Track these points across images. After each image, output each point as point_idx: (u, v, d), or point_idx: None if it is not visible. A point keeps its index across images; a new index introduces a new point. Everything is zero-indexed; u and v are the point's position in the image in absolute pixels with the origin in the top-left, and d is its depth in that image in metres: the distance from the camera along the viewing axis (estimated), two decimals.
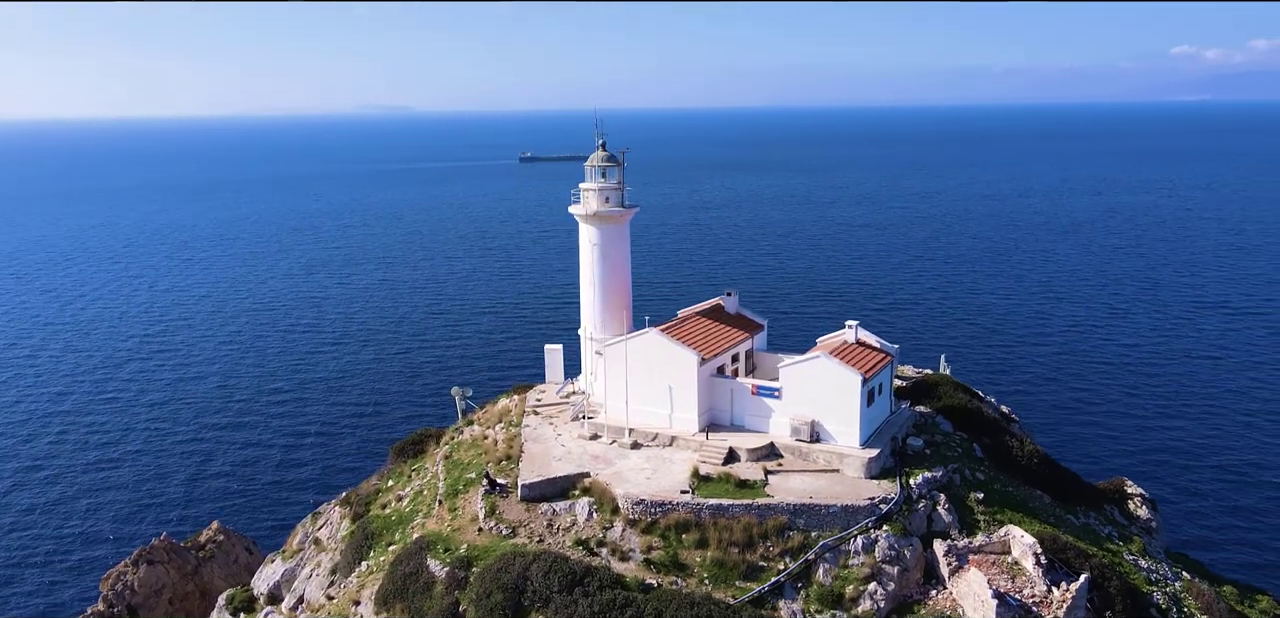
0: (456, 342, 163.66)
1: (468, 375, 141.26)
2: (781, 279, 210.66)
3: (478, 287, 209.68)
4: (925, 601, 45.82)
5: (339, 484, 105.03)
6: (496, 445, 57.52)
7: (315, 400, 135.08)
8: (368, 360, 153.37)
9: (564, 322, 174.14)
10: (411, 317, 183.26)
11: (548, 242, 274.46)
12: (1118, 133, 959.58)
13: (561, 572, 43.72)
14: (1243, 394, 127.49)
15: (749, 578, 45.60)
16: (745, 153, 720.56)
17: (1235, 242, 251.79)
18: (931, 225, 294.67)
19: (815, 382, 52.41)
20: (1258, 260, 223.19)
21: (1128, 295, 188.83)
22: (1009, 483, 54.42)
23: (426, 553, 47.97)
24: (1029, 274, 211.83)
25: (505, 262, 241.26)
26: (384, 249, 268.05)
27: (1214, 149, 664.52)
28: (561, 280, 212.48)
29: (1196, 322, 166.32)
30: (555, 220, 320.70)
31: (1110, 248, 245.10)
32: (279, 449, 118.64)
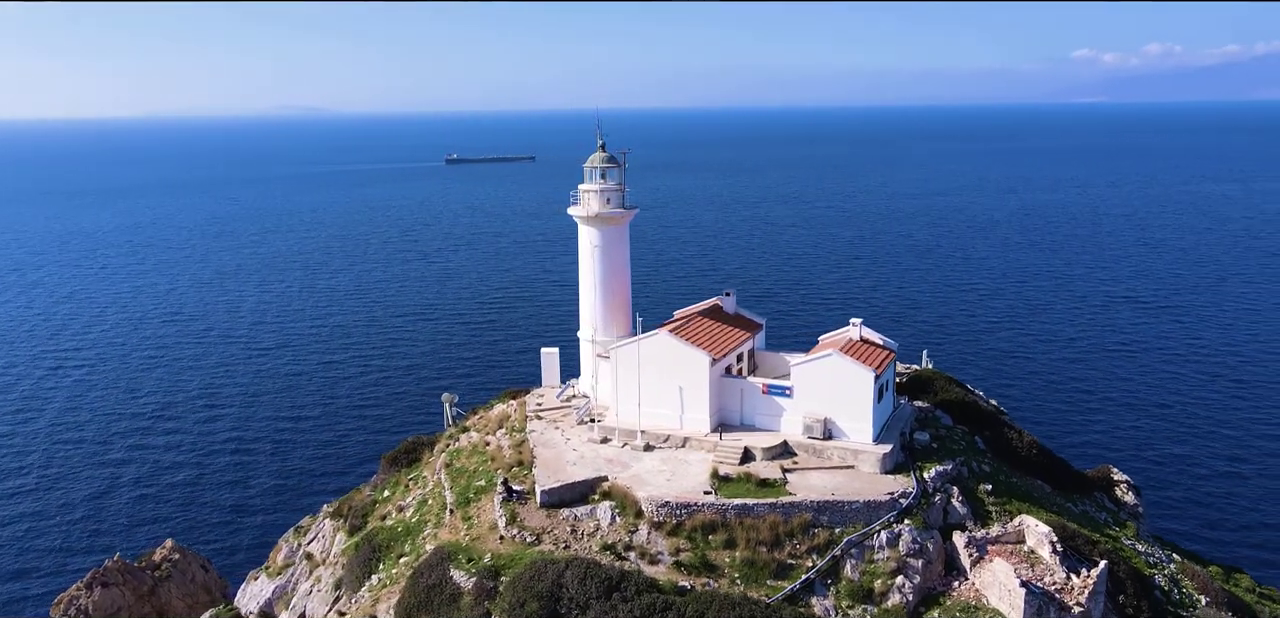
0: (424, 349, 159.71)
1: (438, 382, 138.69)
2: (717, 280, 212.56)
3: (438, 292, 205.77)
4: (949, 592, 46.75)
5: (306, 499, 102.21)
6: (502, 452, 56.57)
7: (264, 415, 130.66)
8: (319, 372, 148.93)
9: (537, 324, 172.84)
10: (354, 326, 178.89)
11: (485, 244, 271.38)
12: (1024, 132, 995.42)
13: (597, 578, 43.22)
14: (1160, 387, 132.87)
15: (780, 577, 45.87)
16: (673, 153, 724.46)
17: (1141, 237, 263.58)
18: (858, 225, 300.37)
19: (827, 379, 53.00)
20: (1163, 255, 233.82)
21: (1046, 290, 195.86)
22: (1012, 474, 55.97)
23: (449, 564, 46.89)
24: (954, 272, 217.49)
25: (468, 265, 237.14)
26: (327, 254, 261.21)
27: (1115, 147, 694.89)
28: (528, 282, 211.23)
29: (1109, 315, 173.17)
30: (495, 223, 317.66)
31: (1026, 244, 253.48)
32: (232, 465, 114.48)
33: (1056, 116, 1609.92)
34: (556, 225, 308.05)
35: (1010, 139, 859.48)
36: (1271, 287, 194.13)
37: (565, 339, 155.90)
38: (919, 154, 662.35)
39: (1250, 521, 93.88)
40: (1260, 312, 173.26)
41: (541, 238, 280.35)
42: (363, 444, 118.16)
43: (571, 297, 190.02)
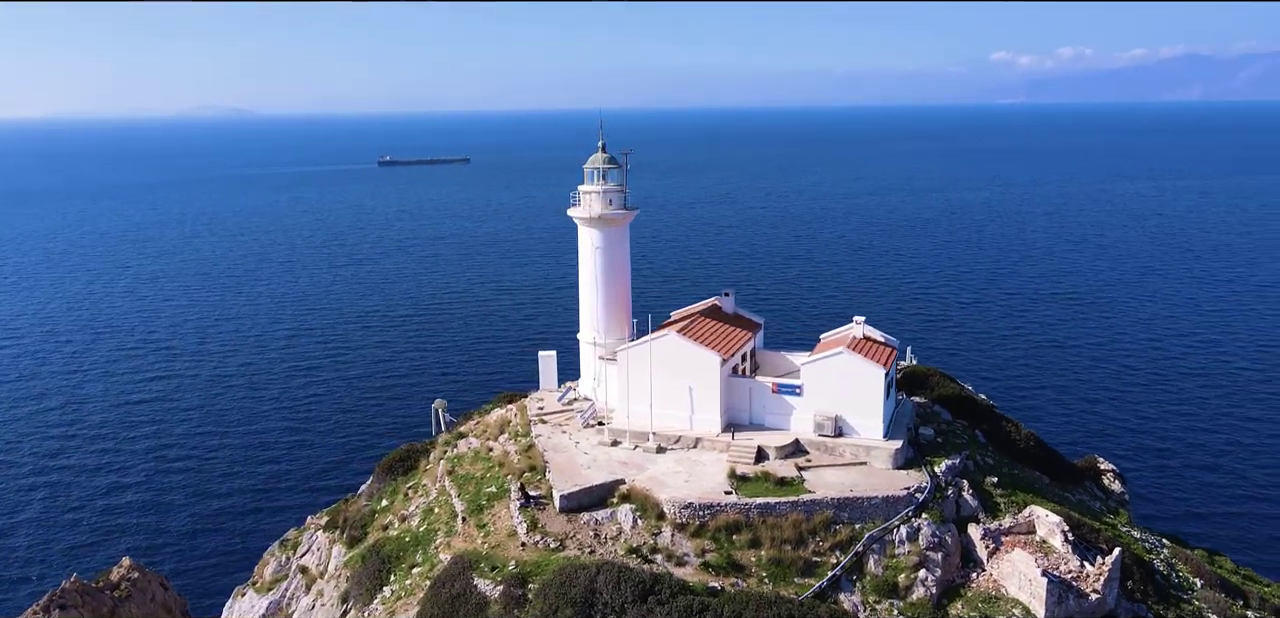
0: (387, 356, 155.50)
1: (406, 389, 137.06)
2: (666, 280, 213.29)
3: (388, 297, 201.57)
4: (967, 584, 47.65)
5: (271, 515, 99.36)
6: (510, 457, 55.77)
7: (220, 428, 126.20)
8: (274, 382, 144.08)
9: (510, 326, 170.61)
10: (304, 334, 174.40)
11: (425, 249, 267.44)
12: (948, 133, 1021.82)
13: (630, 582, 42.83)
14: (1088, 381, 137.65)
15: (806, 575, 46.15)
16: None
17: (1064, 234, 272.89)
18: (794, 224, 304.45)
19: (837, 377, 53.55)
20: (1084, 251, 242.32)
21: (977, 284, 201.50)
22: (1012, 466, 57.37)
23: (471, 572, 46.00)
24: (886, 269, 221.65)
25: (412, 271, 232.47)
26: (263, 260, 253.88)
27: (1035, 148, 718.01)
28: (492, 285, 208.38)
29: (1038, 311, 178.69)
30: (432, 226, 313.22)
31: (957, 242, 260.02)
32: (187, 480, 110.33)
33: (979, 117, 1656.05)
34: (494, 228, 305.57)
35: (937, 140, 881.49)
36: (1188, 282, 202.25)
37: (532, 343, 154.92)
38: (851, 155, 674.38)
39: (1212, 505, 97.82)
40: (1180, 305, 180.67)
41: (480, 240, 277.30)
42: (331, 455, 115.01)
43: (546, 300, 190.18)
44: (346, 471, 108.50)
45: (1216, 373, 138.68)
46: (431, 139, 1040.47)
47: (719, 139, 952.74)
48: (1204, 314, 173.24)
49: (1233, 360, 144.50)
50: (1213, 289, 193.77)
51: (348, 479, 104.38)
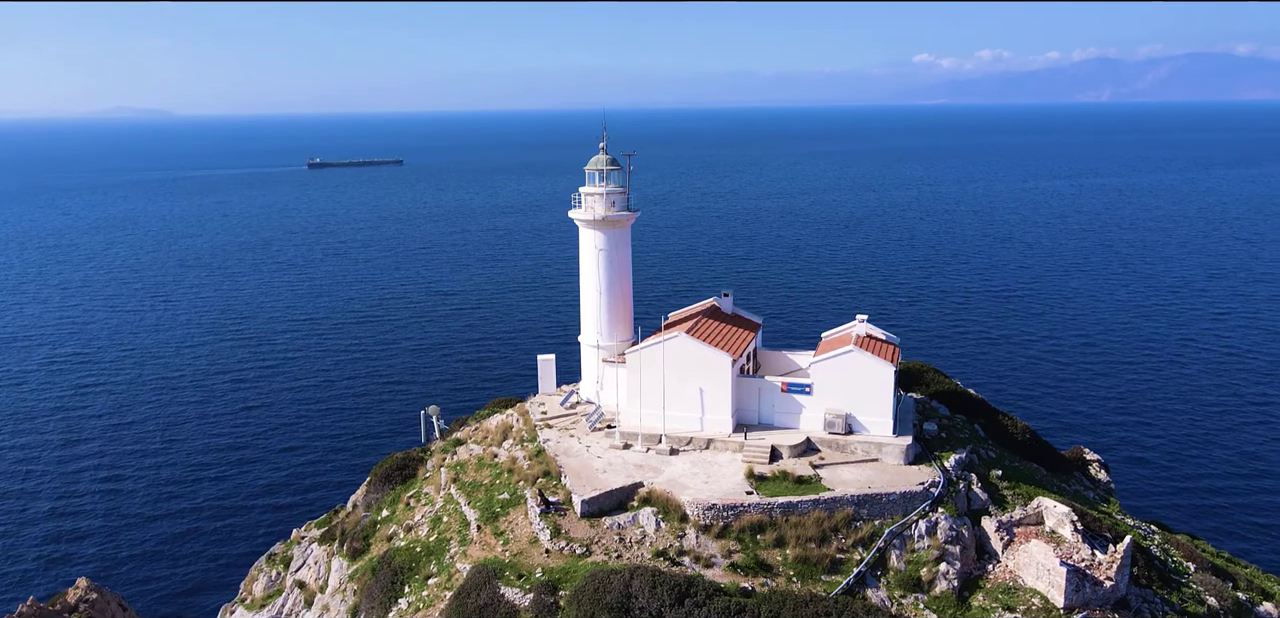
0: (356, 364, 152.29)
1: (355, 398, 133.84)
2: None
3: (325, 302, 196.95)
4: (984, 576, 48.57)
5: (240, 531, 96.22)
6: (518, 463, 54.98)
7: (171, 442, 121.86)
8: (220, 395, 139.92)
9: (486, 332, 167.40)
10: (244, 340, 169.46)
11: (379, 252, 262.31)
12: (872, 132, 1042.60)
13: (666, 585, 42.62)
14: (1025, 372, 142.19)
15: (832, 572, 46.51)
16: (538, 155, 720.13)
17: (990, 231, 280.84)
18: (729, 223, 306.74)
19: (847, 375, 54.11)
20: (1011, 248, 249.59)
21: (914, 280, 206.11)
22: (1011, 459, 58.67)
23: (496, 581, 45.20)
24: (824, 268, 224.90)
25: (353, 275, 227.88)
26: (186, 267, 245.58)
27: (958, 148, 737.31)
28: (435, 290, 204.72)
29: (977, 307, 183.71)
30: (365, 232, 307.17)
31: (891, 241, 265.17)
32: (142, 497, 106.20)
33: (902, 117, 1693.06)
34: (435, 232, 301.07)
35: (863, 139, 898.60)
36: (1109, 276, 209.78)
37: (515, 347, 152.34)
38: (780, 156, 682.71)
39: (1175, 490, 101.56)
40: (1105, 299, 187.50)
41: (417, 245, 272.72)
42: (301, 465, 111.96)
43: (525, 303, 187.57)
44: (319, 481, 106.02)
45: (1154, 364, 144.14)
46: (363, 140, 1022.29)
47: (651, 138, 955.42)
48: (1128, 307, 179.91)
49: (1164, 349, 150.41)
50: (1137, 283, 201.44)
51: (323, 491, 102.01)
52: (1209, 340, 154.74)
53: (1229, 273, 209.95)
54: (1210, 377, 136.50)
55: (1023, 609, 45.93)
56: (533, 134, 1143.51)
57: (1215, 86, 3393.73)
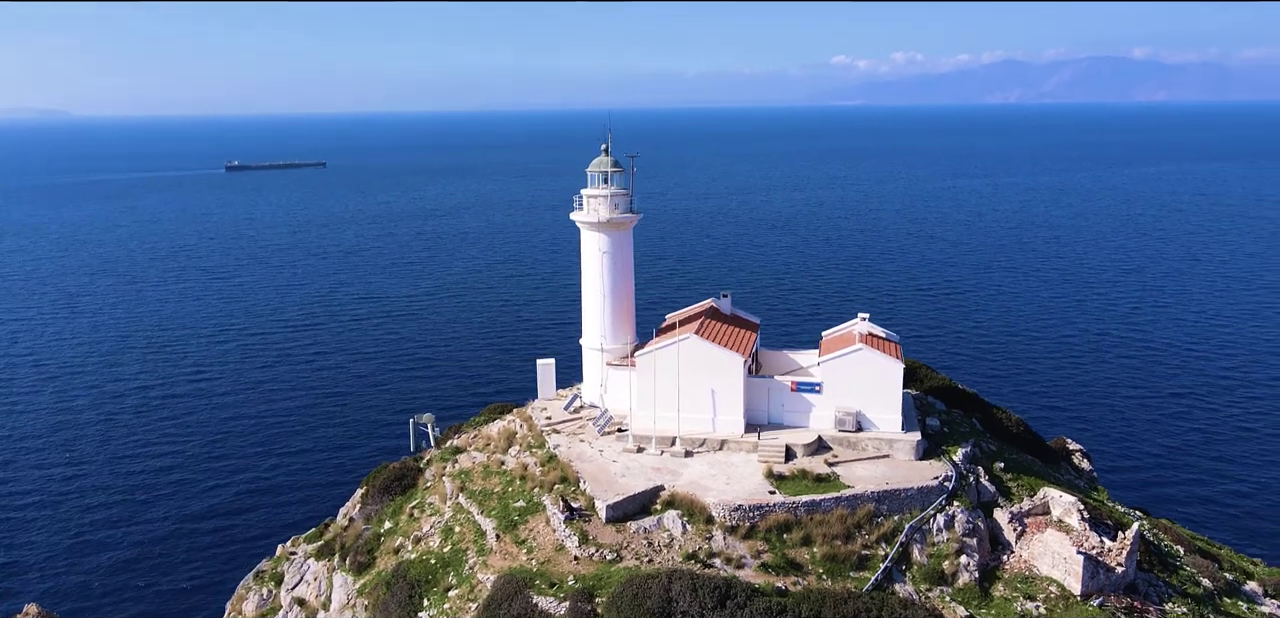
0: (318, 372, 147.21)
1: (330, 406, 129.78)
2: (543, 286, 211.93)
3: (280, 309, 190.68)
4: (1001, 566, 49.71)
5: (207, 549, 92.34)
6: (530, 470, 54.17)
7: (116, 456, 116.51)
8: (164, 405, 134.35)
9: (458, 338, 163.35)
10: (173, 347, 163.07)
11: (309, 257, 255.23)
12: (795, 134, 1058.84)
13: (706, 588, 42.46)
14: (971, 363, 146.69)
15: (860, 569, 47.01)
16: (438, 158, 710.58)
17: (915, 229, 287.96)
18: (660, 224, 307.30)
19: (856, 373, 54.79)
20: (935, 246, 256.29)
21: (843, 278, 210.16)
22: (1009, 451, 60.18)
23: (527, 591, 44.43)
24: (759, 269, 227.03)
25: (276, 281, 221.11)
26: (96, 276, 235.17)
27: (876, 148, 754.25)
28: (368, 296, 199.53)
29: (906, 305, 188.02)
30: (286, 236, 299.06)
31: (820, 239, 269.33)
32: (90, 518, 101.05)
33: (821, 118, 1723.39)
34: (362, 236, 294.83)
35: (785, 140, 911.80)
36: (1029, 272, 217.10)
37: (493, 353, 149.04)
38: (702, 156, 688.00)
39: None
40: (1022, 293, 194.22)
41: (338, 249, 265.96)
42: (263, 479, 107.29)
43: (497, 308, 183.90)
44: (287, 495, 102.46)
45: (1074, 356, 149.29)
46: (283, 142, 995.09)
47: (577, 140, 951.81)
48: (1048, 305, 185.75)
49: (1083, 341, 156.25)
50: (1054, 278, 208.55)
51: (291, 507, 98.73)
52: (1123, 332, 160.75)
53: (1139, 268, 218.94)
54: (1127, 369, 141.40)
55: (1042, 598, 47.16)
56: (459, 135, 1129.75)
57: (1115, 88, 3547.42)
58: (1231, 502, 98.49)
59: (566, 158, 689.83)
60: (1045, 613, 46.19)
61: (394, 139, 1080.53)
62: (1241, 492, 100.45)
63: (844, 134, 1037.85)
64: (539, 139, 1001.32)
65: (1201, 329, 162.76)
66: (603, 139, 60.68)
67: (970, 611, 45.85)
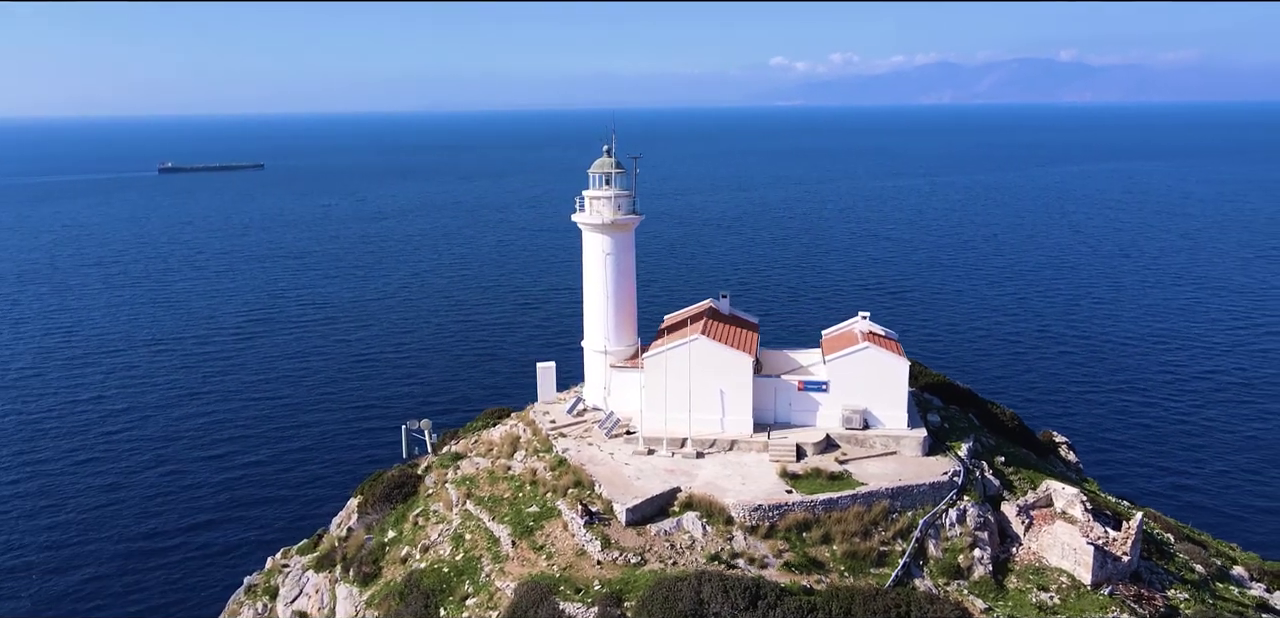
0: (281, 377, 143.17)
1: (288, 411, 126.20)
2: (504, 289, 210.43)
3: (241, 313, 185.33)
4: (1011, 559, 50.62)
5: (171, 568, 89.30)
6: (540, 475, 53.58)
7: (65, 469, 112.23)
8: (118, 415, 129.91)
9: (424, 346, 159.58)
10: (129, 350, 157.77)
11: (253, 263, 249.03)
12: (734, 133, 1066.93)
13: (736, 589, 42.50)
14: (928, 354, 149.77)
15: (879, 565, 47.46)
16: (381, 159, 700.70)
17: (863, 228, 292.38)
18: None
19: (863, 371, 55.37)
20: (878, 245, 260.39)
21: (791, 277, 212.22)
22: (1007, 445, 61.32)
23: (553, 597, 43.96)
24: (709, 272, 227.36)
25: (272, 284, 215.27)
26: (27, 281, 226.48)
27: (817, 148, 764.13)
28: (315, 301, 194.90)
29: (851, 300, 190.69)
30: (219, 240, 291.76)
31: (769, 239, 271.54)
32: (47, 536, 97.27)
33: (762, 119, 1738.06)
34: (289, 239, 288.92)
35: (731, 139, 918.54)
36: (978, 268, 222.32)
37: (468, 358, 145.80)
38: (650, 157, 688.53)
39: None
40: (965, 290, 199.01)
41: (288, 253, 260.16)
42: (203, 498, 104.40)
43: (467, 313, 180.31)
44: (260, 509, 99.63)
45: (1016, 352, 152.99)
46: (219, 143, 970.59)
47: (513, 142, 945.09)
48: (988, 301, 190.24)
49: (1025, 338, 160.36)
50: (994, 275, 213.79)
51: (267, 519, 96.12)
52: (1063, 328, 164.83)
53: (1074, 265, 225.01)
54: (1070, 364, 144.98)
55: (1055, 588, 48.16)
56: (396, 136, 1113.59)
57: (1043, 89, 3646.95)
58: (1191, 492, 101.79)
59: (514, 158, 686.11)
60: (1059, 604, 47.18)
61: (333, 140, 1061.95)
62: (1187, 484, 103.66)
63: (787, 135, 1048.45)
64: (478, 141, 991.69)
65: (1138, 322, 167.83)
66: (605, 140, 60.50)
67: (988, 603, 46.60)
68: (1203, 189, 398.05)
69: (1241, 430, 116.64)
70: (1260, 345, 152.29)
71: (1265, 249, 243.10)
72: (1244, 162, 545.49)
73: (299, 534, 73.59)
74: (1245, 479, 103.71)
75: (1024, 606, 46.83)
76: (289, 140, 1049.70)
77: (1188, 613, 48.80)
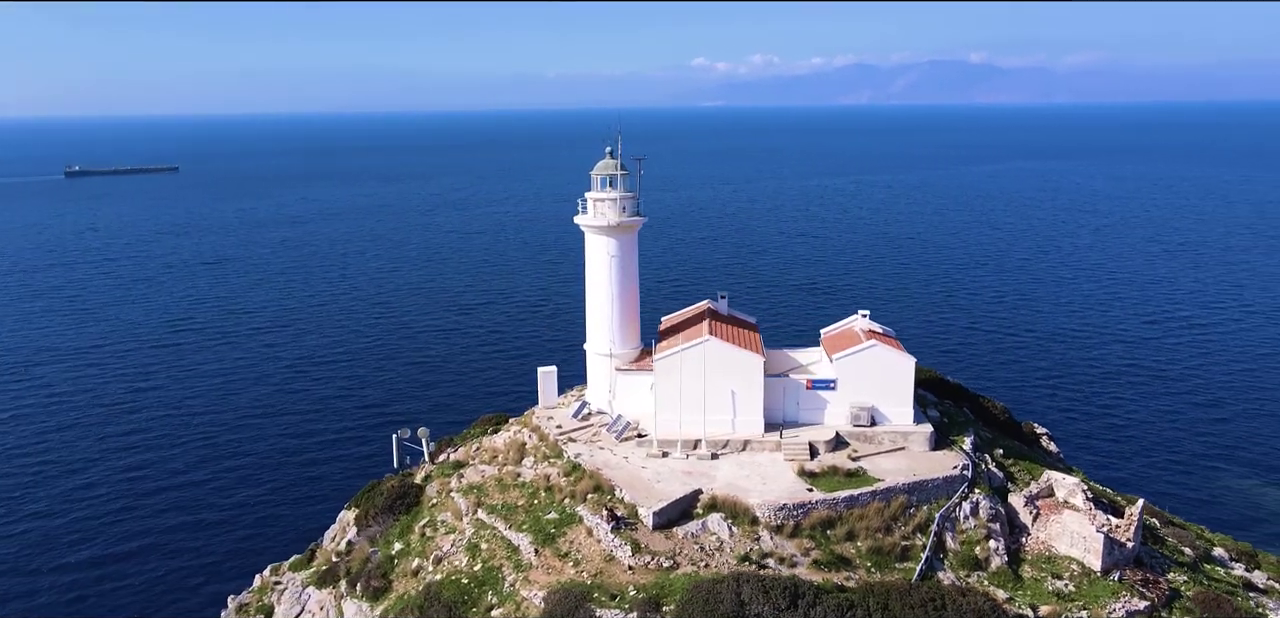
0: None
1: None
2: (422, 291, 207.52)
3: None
4: (1022, 548, 51.87)
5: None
6: (553, 480, 52.83)
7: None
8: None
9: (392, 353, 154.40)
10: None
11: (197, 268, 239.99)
12: (659, 136, 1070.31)
13: (776, 590, 42.57)
14: None
15: (903, 559, 48.11)
16: (310, 161, 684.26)
17: (792, 226, 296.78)
18: (539, 227, 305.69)
19: (870, 369, 56.09)
20: (807, 243, 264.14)
21: (719, 280, 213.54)
22: (1002, 438, 62.78)
23: (589, 604, 43.34)
24: (644, 274, 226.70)
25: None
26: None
27: (742, 148, 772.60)
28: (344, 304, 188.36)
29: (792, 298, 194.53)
30: (138, 247, 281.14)
31: (694, 240, 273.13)
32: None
33: (685, 119, 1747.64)
34: (207, 247, 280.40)
35: (656, 142, 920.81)
36: (907, 267, 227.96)
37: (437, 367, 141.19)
38: (569, 158, 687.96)
39: None
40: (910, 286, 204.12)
41: (198, 259, 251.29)
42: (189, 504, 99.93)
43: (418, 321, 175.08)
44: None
45: (948, 347, 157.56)
46: (130, 145, 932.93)
47: (428, 147, 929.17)
48: (920, 297, 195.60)
49: (954, 331, 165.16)
50: (920, 271, 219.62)
51: (236, 535, 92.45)
52: (989, 325, 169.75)
53: (993, 260, 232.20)
54: (1004, 363, 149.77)
55: (1067, 576, 49.52)
56: (320, 138, 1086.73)
57: (956, 90, 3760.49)
58: (1144, 477, 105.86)
59: (436, 161, 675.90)
60: (1074, 591, 48.54)
61: (254, 142, 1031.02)
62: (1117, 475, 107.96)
63: (711, 135, 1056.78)
64: (399, 143, 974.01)
65: (1058, 317, 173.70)
66: (608, 141, 59.79)
67: (1009, 593, 47.64)
68: (1109, 187, 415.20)
69: (1168, 420, 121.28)
70: (1173, 338, 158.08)
71: (1171, 245, 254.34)
72: (1145, 161, 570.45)
73: (279, 550, 71.21)
74: (1177, 464, 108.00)
75: (1042, 594, 48.02)
76: (205, 143, 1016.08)
77: (1189, 594, 50.71)
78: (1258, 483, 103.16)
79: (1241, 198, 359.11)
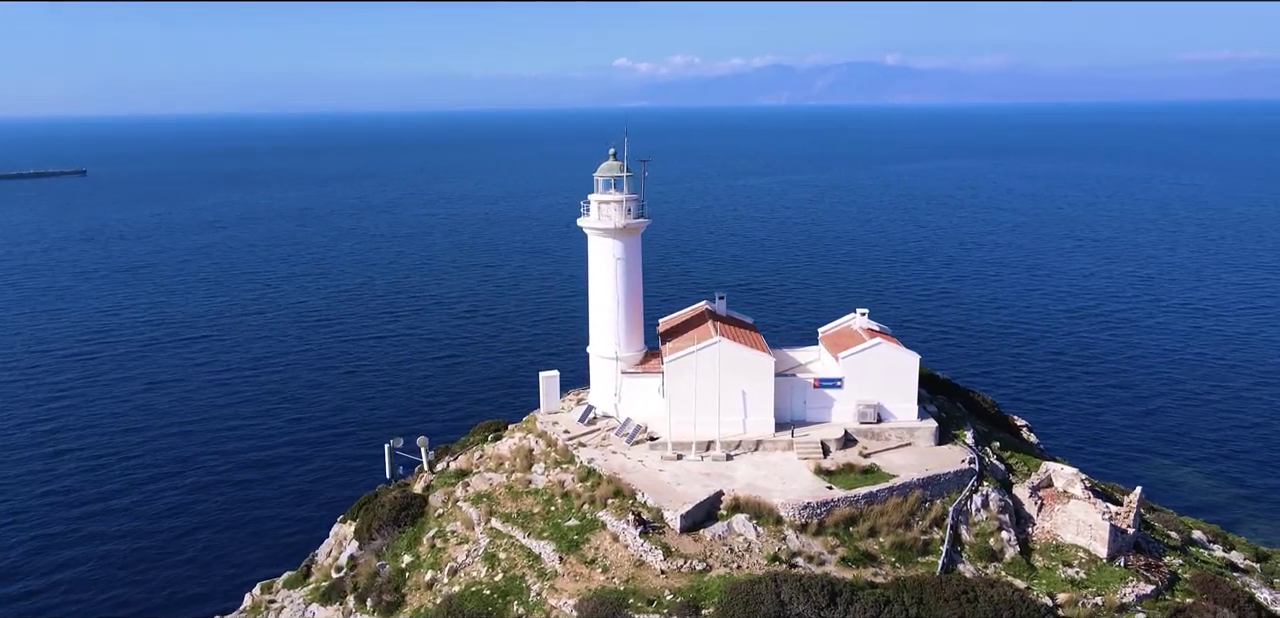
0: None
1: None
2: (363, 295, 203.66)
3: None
4: (1029, 538, 53.12)
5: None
6: (568, 486, 52.07)
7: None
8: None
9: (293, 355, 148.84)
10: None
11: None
12: (582, 136, 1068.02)
13: (815, 589, 42.68)
14: None
15: (924, 553, 48.80)
16: (227, 163, 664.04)
17: (720, 227, 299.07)
18: (461, 229, 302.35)
19: (875, 367, 56.76)
20: (734, 243, 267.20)
21: (674, 284, 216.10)
22: (995, 431, 64.23)
23: (625, 611, 42.83)
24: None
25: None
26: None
27: (666, 149, 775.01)
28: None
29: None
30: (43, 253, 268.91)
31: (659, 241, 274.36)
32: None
33: (608, 119, 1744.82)
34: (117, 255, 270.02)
35: (581, 143, 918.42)
36: (836, 267, 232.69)
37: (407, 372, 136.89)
38: (509, 158, 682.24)
39: None
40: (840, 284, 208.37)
41: (122, 266, 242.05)
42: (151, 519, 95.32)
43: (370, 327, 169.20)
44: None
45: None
46: (32, 148, 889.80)
47: (363, 147, 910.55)
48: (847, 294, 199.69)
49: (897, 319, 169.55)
50: (850, 268, 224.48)
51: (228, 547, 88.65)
52: (919, 321, 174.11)
53: (919, 258, 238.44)
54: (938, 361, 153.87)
55: (1077, 564, 50.90)
56: (237, 141, 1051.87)
57: (872, 91, 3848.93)
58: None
59: (354, 165, 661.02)
60: (1085, 578, 49.91)
61: (165, 144, 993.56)
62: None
63: (634, 136, 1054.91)
64: (320, 145, 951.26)
65: (981, 312, 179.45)
66: (613, 143, 59.20)
67: (1026, 582, 48.73)
68: (1022, 184, 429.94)
69: (1096, 409, 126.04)
70: (1092, 330, 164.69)
71: (1083, 239, 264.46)
72: (1054, 159, 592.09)
73: (268, 567, 68.69)
74: (1107, 455, 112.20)
75: (1055, 582, 49.24)
76: (114, 145, 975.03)
77: (1186, 577, 52.63)
78: (1191, 470, 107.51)
79: (1147, 195, 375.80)
